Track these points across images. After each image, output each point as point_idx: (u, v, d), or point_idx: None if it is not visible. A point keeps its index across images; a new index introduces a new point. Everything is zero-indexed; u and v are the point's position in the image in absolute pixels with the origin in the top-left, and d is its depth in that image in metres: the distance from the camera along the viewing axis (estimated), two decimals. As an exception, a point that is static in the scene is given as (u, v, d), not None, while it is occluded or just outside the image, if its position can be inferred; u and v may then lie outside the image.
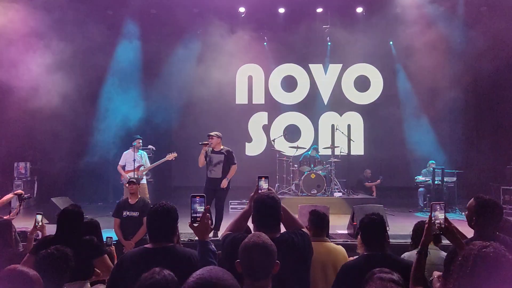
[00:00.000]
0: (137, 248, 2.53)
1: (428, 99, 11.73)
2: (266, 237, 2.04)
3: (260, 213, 2.51)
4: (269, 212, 2.51)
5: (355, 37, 11.74)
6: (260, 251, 1.96)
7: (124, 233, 5.49)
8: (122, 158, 8.04)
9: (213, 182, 6.76)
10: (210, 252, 2.21)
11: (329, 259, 3.29)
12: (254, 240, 2.00)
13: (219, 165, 6.78)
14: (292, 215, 2.71)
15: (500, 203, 2.62)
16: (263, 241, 2.00)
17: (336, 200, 9.39)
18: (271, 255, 1.98)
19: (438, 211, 2.35)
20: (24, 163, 10.57)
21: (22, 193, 5.03)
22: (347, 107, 11.99)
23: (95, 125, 10.66)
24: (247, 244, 1.99)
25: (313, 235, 3.43)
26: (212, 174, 6.79)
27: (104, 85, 10.95)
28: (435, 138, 11.64)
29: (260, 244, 1.98)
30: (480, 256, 1.69)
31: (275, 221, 2.53)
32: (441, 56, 11.79)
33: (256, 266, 1.94)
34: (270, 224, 2.48)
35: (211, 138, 6.85)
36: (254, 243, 1.98)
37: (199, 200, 2.32)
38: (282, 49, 11.99)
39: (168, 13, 11.20)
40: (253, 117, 12.03)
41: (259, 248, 1.97)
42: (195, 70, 11.81)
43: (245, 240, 2.03)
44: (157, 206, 2.49)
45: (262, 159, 11.60)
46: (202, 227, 2.29)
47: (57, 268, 2.55)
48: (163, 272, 1.79)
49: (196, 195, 2.33)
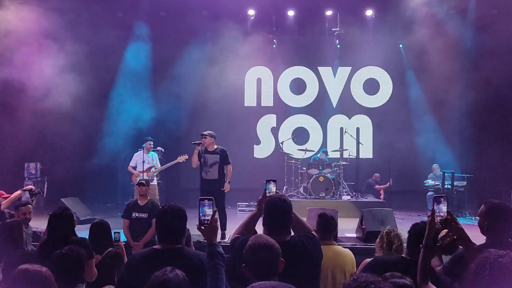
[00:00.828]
0: (146, 249, 2.55)
1: (438, 103, 11.65)
2: (267, 237, 2.13)
3: (272, 216, 2.51)
4: (281, 215, 2.51)
5: (364, 40, 11.74)
6: (265, 250, 2.03)
7: (133, 235, 5.51)
8: (133, 159, 8.08)
9: (209, 184, 6.51)
10: (218, 255, 2.23)
11: (337, 262, 3.30)
12: (257, 241, 2.08)
13: (215, 166, 6.52)
14: (300, 218, 2.72)
15: (510, 207, 2.58)
16: (266, 240, 2.09)
17: (344, 203, 9.35)
18: (276, 253, 2.05)
19: (442, 203, 2.32)
20: (34, 164, 10.68)
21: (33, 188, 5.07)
22: (356, 110, 11.95)
23: (105, 126, 10.75)
24: (252, 246, 2.07)
25: (321, 238, 3.43)
26: (208, 175, 6.53)
27: (115, 87, 11.04)
28: (445, 142, 11.56)
29: (264, 243, 2.06)
30: (497, 266, 1.65)
31: (287, 224, 2.53)
32: (451, 59, 11.71)
33: (263, 265, 2.01)
34: (281, 227, 2.49)
35: (204, 137, 6.61)
36: (258, 243, 2.06)
37: (207, 203, 2.33)
38: (291, 51, 11.99)
39: (178, 16, 11.27)
40: (262, 119, 12.04)
41: (264, 247, 2.04)
42: (204, 72, 11.85)
43: (248, 243, 2.09)
44: (166, 207, 2.51)
45: (271, 161, 11.60)
46: (210, 230, 2.30)
47: (71, 268, 2.58)
48: (175, 271, 1.84)
49: (204, 198, 2.35)
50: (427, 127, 11.53)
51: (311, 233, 2.62)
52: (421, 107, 11.65)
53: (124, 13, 11.07)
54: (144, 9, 10.83)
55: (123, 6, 11.01)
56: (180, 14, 11.30)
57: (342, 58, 11.91)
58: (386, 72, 11.90)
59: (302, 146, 10.95)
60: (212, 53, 11.77)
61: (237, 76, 11.89)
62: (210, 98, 11.83)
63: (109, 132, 10.57)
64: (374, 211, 6.50)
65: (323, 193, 9.44)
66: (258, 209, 2.70)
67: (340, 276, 3.21)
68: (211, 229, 2.30)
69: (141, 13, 10.88)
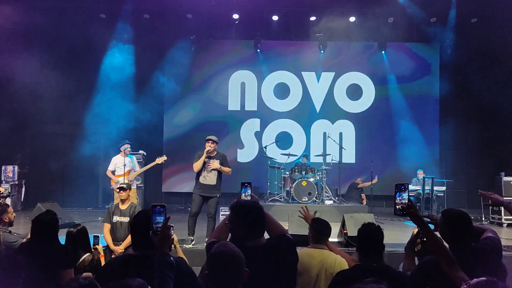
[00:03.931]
0: (121, 255, 2.52)
1: (420, 109, 11.87)
2: (233, 246, 1.99)
3: (247, 220, 2.40)
4: (255, 219, 2.42)
5: (347, 46, 11.89)
6: (227, 260, 1.92)
7: (114, 239, 5.44)
8: (111, 163, 7.94)
9: (205, 188, 6.53)
10: (167, 264, 2.13)
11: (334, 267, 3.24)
12: (221, 249, 1.96)
13: (214, 171, 6.53)
14: (275, 220, 2.63)
15: (467, 213, 2.63)
16: (230, 249, 1.96)
17: (327, 208, 9.37)
18: (240, 264, 1.93)
19: (403, 191, 2.39)
20: (12, 167, 10.42)
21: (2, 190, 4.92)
22: (339, 115, 12.04)
23: (85, 129, 10.57)
24: (214, 254, 1.94)
25: (316, 242, 3.40)
26: (207, 180, 6.54)
27: (96, 90, 10.87)
28: (426, 147, 11.76)
29: (228, 253, 1.94)
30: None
31: (262, 228, 2.45)
32: (433, 66, 11.95)
33: (224, 276, 1.90)
34: (256, 231, 2.41)
35: (212, 142, 6.54)
36: (221, 252, 1.94)
37: (158, 210, 2.26)
38: (275, 56, 12.04)
39: (161, 18, 11.22)
40: (246, 123, 12.03)
41: (227, 257, 1.93)
42: (188, 75, 11.82)
43: (211, 250, 1.98)
44: (140, 212, 2.48)
45: (254, 165, 11.60)
46: (161, 237, 2.21)
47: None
48: (137, 281, 1.76)
49: (156, 205, 2.28)
50: (409, 133, 11.71)
51: (285, 235, 2.55)
52: (403, 113, 11.82)
53: (107, 15, 10.95)
54: (127, 11, 10.73)
55: (105, 8, 10.89)
56: (164, 17, 11.26)
57: (325, 63, 12.00)
58: (369, 78, 12.04)
59: (285, 150, 10.97)
60: (196, 57, 11.75)
61: (221, 80, 11.88)
62: (193, 101, 11.79)
63: (90, 136, 10.40)
64: (355, 216, 6.53)
65: (306, 198, 9.45)
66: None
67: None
68: (162, 237, 2.21)
69: (124, 15, 10.77)
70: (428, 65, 11.98)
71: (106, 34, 10.73)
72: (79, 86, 10.88)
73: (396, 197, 2.39)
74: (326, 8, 10.87)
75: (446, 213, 2.67)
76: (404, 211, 2.37)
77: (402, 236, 3.62)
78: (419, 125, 11.80)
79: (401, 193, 2.39)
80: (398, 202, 2.39)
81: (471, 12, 10.96)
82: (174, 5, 10.80)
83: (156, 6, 10.90)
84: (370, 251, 2.63)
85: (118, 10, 10.73)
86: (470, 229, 2.58)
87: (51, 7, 10.40)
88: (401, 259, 3.47)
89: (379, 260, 2.61)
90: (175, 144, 11.50)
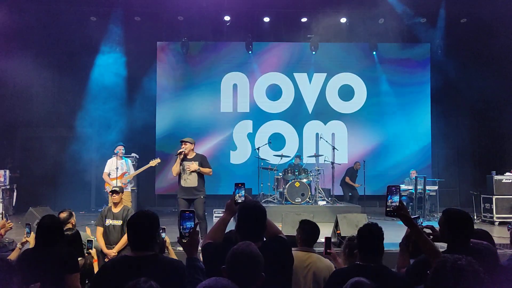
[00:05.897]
0: (119, 257, 2.49)
1: (411, 109, 11.96)
2: (255, 247, 2.02)
3: (247, 222, 2.44)
4: (257, 221, 2.45)
5: (339, 47, 11.95)
6: (248, 260, 1.95)
7: (107, 242, 5.41)
8: (106, 166, 7.90)
9: (188, 191, 6.45)
10: (198, 269, 2.16)
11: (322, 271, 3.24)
12: (244, 248, 1.98)
13: (194, 173, 6.45)
14: (271, 221, 2.65)
15: (468, 214, 2.65)
16: (251, 250, 1.99)
17: (320, 208, 9.40)
18: (258, 267, 1.96)
19: (395, 194, 2.44)
20: (3, 171, 10.32)
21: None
22: (331, 116, 12.08)
23: (77, 132, 10.51)
24: (236, 251, 1.97)
25: (304, 245, 3.39)
26: (187, 182, 6.45)
27: (88, 93, 10.82)
28: (418, 147, 11.85)
29: (249, 253, 1.97)
30: (456, 267, 1.70)
31: (261, 230, 2.48)
32: (423, 66, 12.05)
33: (242, 274, 1.92)
34: (256, 233, 2.43)
35: (185, 143, 6.51)
36: (243, 251, 1.97)
37: (188, 215, 2.28)
38: (267, 57, 12.06)
39: (152, 21, 11.19)
40: (238, 125, 12.02)
41: (248, 257, 1.95)
42: (179, 77, 11.80)
43: (234, 246, 2.00)
44: (137, 214, 2.45)
45: (247, 167, 11.59)
46: (191, 243, 2.24)
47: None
48: (150, 282, 1.76)
49: (186, 211, 2.31)
50: (400, 133, 11.79)
51: (281, 237, 2.57)
52: (395, 113, 11.90)
53: (97, 17, 10.90)
54: (118, 14, 10.69)
55: (96, 11, 10.85)
56: (155, 19, 11.23)
57: (317, 64, 12.04)
58: (361, 79, 12.10)
59: (278, 151, 10.98)
60: (187, 59, 11.74)
61: (213, 81, 11.88)
62: (185, 103, 11.77)
63: (81, 139, 10.34)
64: (348, 216, 6.55)
65: (299, 199, 9.47)
66: (228, 213, 2.67)
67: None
68: (192, 243, 2.24)
69: (115, 18, 10.73)
70: (419, 65, 12.08)
71: (97, 36, 10.68)
72: (70, 89, 10.82)
73: (387, 199, 2.44)
74: (317, 10, 10.90)
75: (447, 212, 2.69)
76: (395, 213, 2.43)
77: (395, 236, 3.63)
78: (411, 125, 11.90)
79: (392, 196, 2.44)
80: (389, 204, 2.44)
81: (461, 12, 11.07)
82: (165, 7, 10.78)
83: (147, 8, 10.87)
84: (369, 251, 2.65)
85: (109, 12, 10.69)
86: (471, 229, 2.60)
87: (42, 10, 10.35)
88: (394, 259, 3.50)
89: (377, 260, 2.63)
90: (168, 146, 11.46)
